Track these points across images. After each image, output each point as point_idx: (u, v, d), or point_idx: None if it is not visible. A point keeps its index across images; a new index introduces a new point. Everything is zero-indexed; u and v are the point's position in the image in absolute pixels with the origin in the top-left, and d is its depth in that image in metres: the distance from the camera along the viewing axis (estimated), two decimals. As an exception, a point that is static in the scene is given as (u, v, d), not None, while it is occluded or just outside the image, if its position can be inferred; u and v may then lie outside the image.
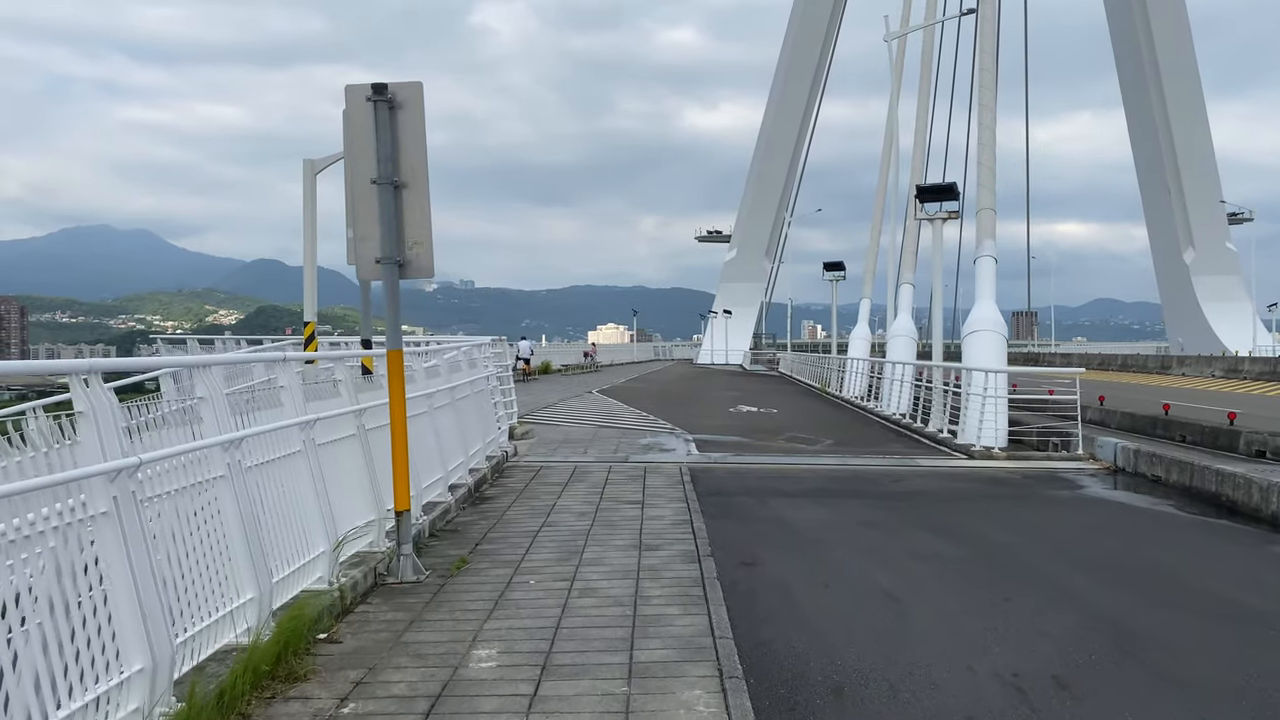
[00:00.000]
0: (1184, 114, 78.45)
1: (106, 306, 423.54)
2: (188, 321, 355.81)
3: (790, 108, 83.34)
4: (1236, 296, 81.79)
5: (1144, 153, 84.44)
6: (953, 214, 19.19)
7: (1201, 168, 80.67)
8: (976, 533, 9.10)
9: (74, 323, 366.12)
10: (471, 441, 11.82)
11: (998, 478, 12.74)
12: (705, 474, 12.68)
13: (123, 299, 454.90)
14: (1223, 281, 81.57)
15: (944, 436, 16.80)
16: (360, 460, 7.69)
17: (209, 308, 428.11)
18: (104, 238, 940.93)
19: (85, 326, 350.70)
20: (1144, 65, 78.80)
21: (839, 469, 13.28)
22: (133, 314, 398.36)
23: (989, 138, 21.16)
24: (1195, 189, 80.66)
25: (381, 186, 7.34)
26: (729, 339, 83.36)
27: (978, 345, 17.88)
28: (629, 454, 14.73)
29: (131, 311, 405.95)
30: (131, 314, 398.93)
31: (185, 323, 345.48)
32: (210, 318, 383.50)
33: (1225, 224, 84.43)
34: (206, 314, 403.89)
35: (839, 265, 37.19)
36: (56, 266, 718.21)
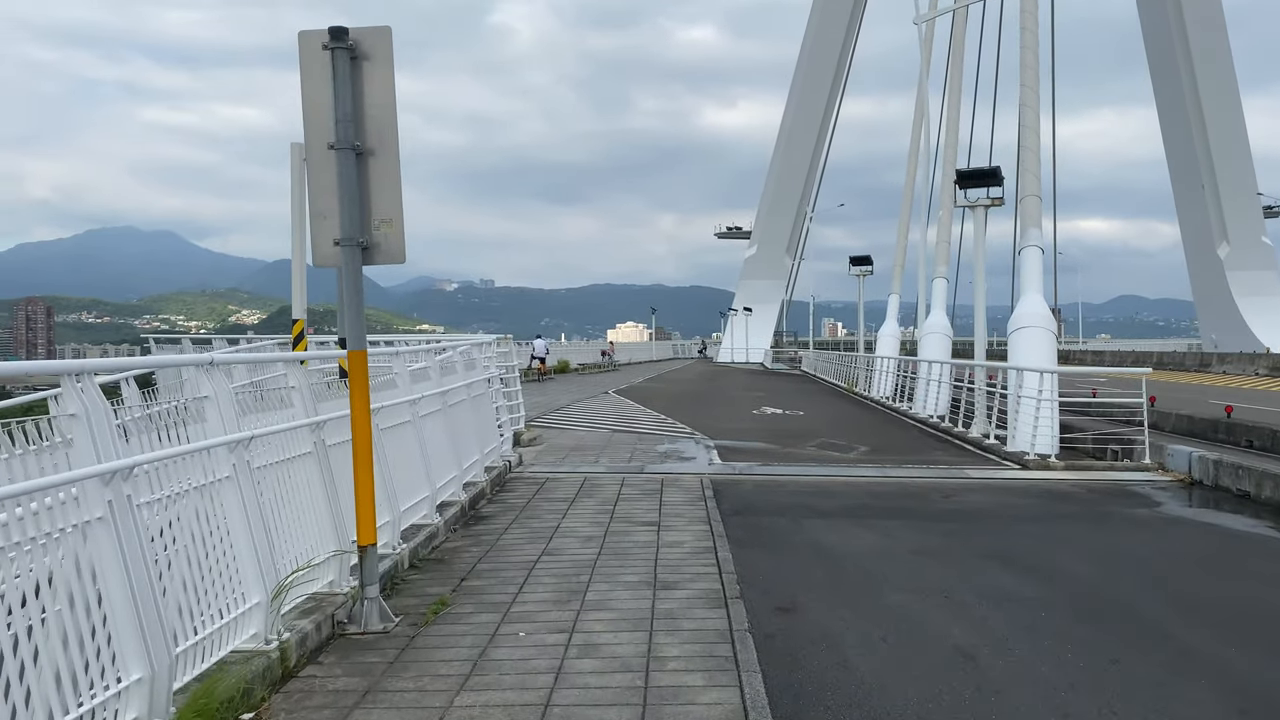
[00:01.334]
0: (1218, 106, 76.36)
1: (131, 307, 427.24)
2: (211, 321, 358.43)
3: (811, 103, 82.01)
4: (1273, 291, 79.55)
5: (1176, 146, 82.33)
6: (996, 200, 17.72)
7: (1236, 160, 78.54)
8: (1052, 564, 7.71)
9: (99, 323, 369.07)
10: (467, 453, 10.54)
11: (1059, 492, 11.30)
12: (729, 488, 11.34)
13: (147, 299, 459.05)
14: (1258, 276, 79.35)
15: (991, 443, 15.35)
16: (319, 483, 6.40)
17: (232, 307, 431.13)
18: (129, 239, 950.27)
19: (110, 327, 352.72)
20: (1176, 57, 76.77)
21: (880, 482, 11.89)
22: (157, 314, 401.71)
23: (1032, 119, 19.67)
24: (1229, 182, 78.54)
25: (341, 152, 6.04)
26: (749, 337, 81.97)
27: (1026, 343, 16.43)
28: (645, 463, 13.41)
29: (156, 312, 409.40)
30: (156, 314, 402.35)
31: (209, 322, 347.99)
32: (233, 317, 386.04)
33: (1261, 218, 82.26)
34: (230, 314, 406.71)
35: (866, 259, 35.68)
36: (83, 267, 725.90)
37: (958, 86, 29.50)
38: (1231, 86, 76.15)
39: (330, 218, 6.16)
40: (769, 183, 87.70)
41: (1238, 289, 78.26)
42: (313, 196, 6.22)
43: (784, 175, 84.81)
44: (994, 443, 15.29)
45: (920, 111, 34.18)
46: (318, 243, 6.20)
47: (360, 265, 6.16)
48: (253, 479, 5.38)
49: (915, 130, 34.55)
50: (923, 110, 34.06)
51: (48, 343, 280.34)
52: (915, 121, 34.26)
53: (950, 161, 28.51)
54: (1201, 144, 77.36)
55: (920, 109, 34.01)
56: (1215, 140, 76.71)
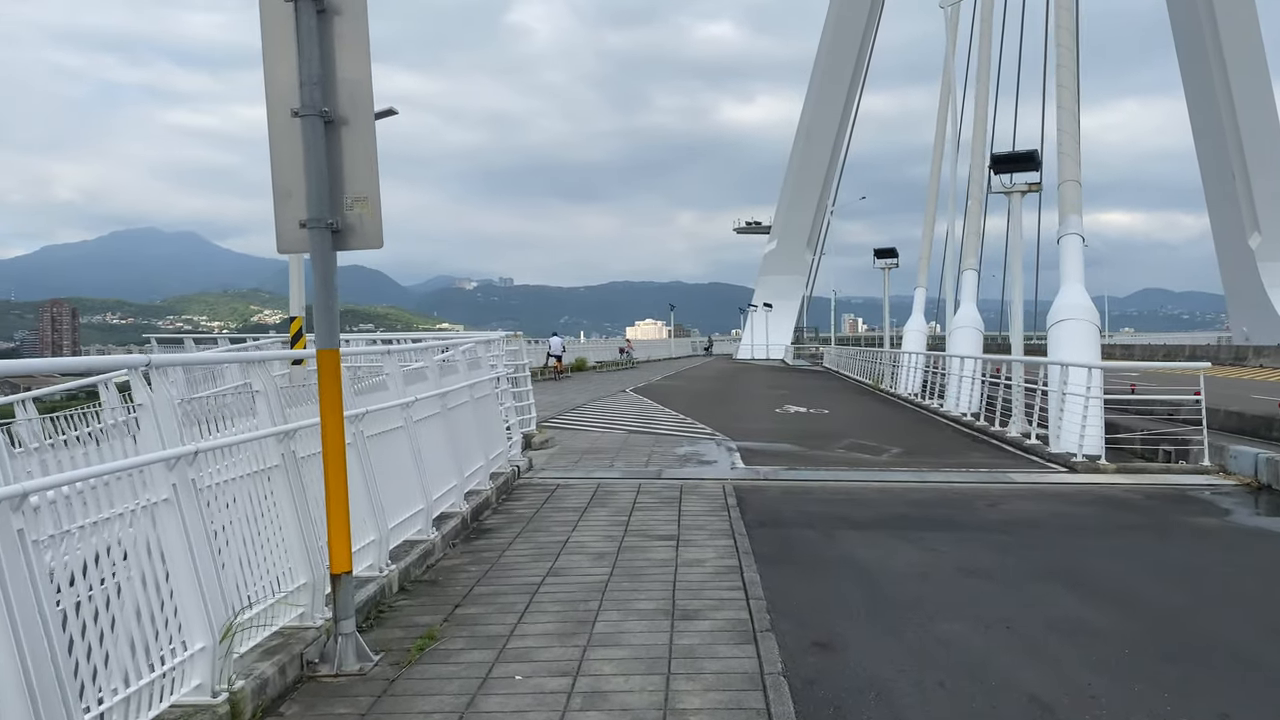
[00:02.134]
0: (1249, 94, 74.67)
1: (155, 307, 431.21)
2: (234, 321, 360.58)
3: (831, 95, 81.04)
4: (1307, 283, 77.66)
5: (1205, 135, 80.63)
6: (1034, 186, 16.76)
7: (1268, 149, 76.71)
8: (1123, 585, 6.80)
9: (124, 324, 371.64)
10: (470, 459, 9.74)
11: (1115, 499, 10.37)
12: (754, 495, 10.48)
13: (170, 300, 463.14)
14: (1291, 267, 77.47)
15: (1032, 444, 14.40)
16: (288, 501, 5.60)
17: (254, 307, 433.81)
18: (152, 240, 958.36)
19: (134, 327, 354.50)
20: (1206, 45, 75.16)
21: (917, 488, 10.99)
22: (180, 314, 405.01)
23: (1069, 101, 18.67)
24: (1261, 171, 76.76)
25: (307, 120, 5.23)
26: (769, 333, 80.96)
27: (1068, 336, 15.46)
28: (662, 467, 12.57)
29: (179, 312, 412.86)
30: (179, 315, 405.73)
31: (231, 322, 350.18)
32: (255, 317, 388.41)
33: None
34: (252, 313, 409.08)
35: (891, 252, 34.62)
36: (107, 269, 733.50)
37: (986, 70, 28.46)
38: (1263, 74, 74.45)
39: (295, 196, 5.35)
40: (789, 177, 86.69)
41: (1270, 280, 76.47)
42: (276, 173, 5.41)
43: (804, 169, 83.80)
44: (1035, 443, 14.33)
45: (945, 98, 33.15)
46: (282, 225, 5.39)
47: (331, 250, 5.35)
48: (198, 501, 4.58)
49: (940, 118, 33.51)
50: (948, 97, 33.02)
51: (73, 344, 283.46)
52: (940, 109, 33.23)
53: (979, 150, 27.48)
54: (1232, 133, 75.68)
55: (945, 95, 32.97)
56: (1246, 129, 75.04)
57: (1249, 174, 76.22)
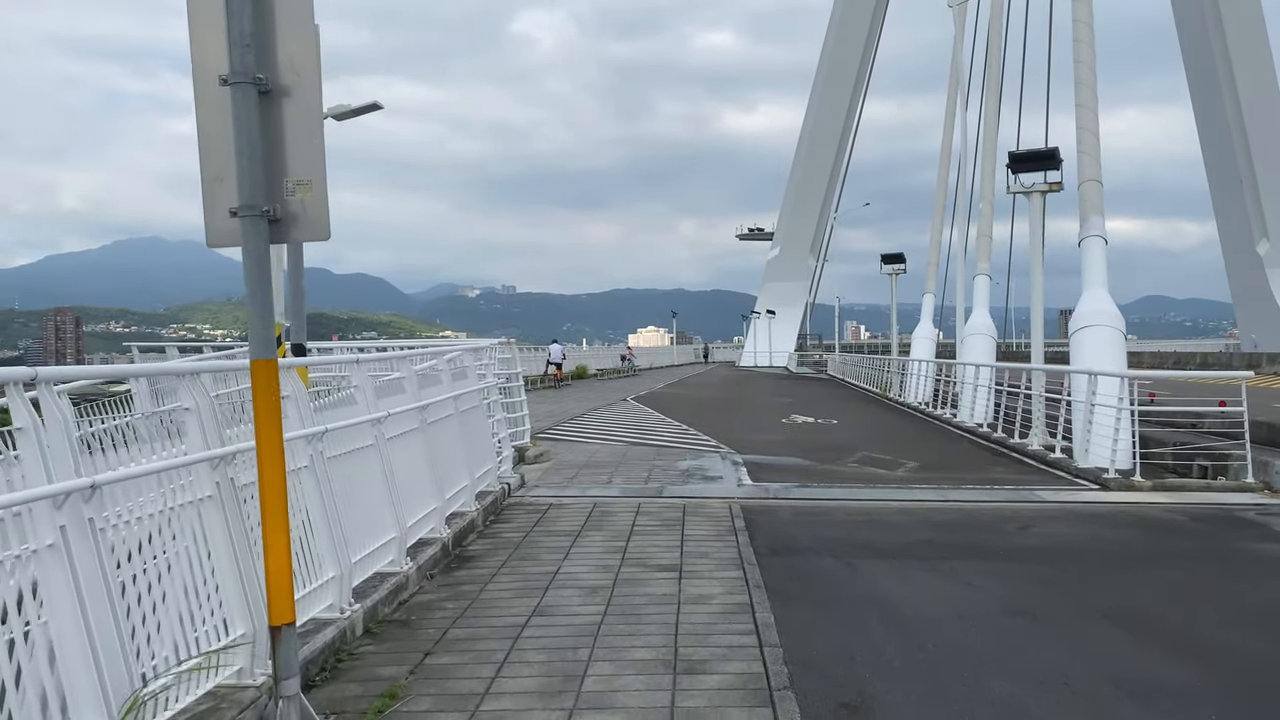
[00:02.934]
0: (1257, 100, 73.93)
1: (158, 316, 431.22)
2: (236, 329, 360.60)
3: (834, 101, 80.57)
4: (1317, 290, 76.86)
5: (1213, 141, 79.92)
6: (1054, 185, 15.91)
7: (1276, 154, 75.98)
8: (1194, 630, 5.95)
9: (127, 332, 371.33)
10: (453, 478, 8.90)
11: (1158, 520, 9.50)
12: (764, 516, 9.63)
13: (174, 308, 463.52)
14: (1301, 274, 76.70)
15: (1057, 458, 13.53)
16: (223, 539, 4.77)
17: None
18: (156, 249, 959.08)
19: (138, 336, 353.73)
20: (1213, 50, 74.51)
21: (941, 508, 10.13)
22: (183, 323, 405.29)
23: (1089, 98, 17.85)
24: (1270, 178, 75.98)
25: (238, 89, 4.41)
26: (773, 340, 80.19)
27: (1093, 343, 14.60)
28: (664, 484, 11.72)
29: (182, 321, 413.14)
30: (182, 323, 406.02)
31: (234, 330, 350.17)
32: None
33: (1302, 213, 79.64)
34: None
35: (898, 257, 33.73)
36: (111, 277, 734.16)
37: (997, 70, 27.65)
38: (1270, 80, 73.72)
39: (226, 180, 4.53)
40: (791, 183, 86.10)
41: (1279, 286, 75.63)
42: (204, 154, 4.59)
43: (807, 175, 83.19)
44: (1060, 457, 13.47)
45: (953, 99, 32.36)
46: (211, 215, 4.55)
47: (267, 242, 4.50)
48: (96, 545, 3.76)
49: (948, 119, 32.70)
50: (956, 98, 32.24)
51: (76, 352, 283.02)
52: (948, 110, 32.42)
53: (990, 151, 26.65)
54: (1240, 139, 74.95)
55: (953, 96, 32.19)
56: (1254, 134, 74.28)
57: (1257, 180, 75.43)
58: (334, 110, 12.37)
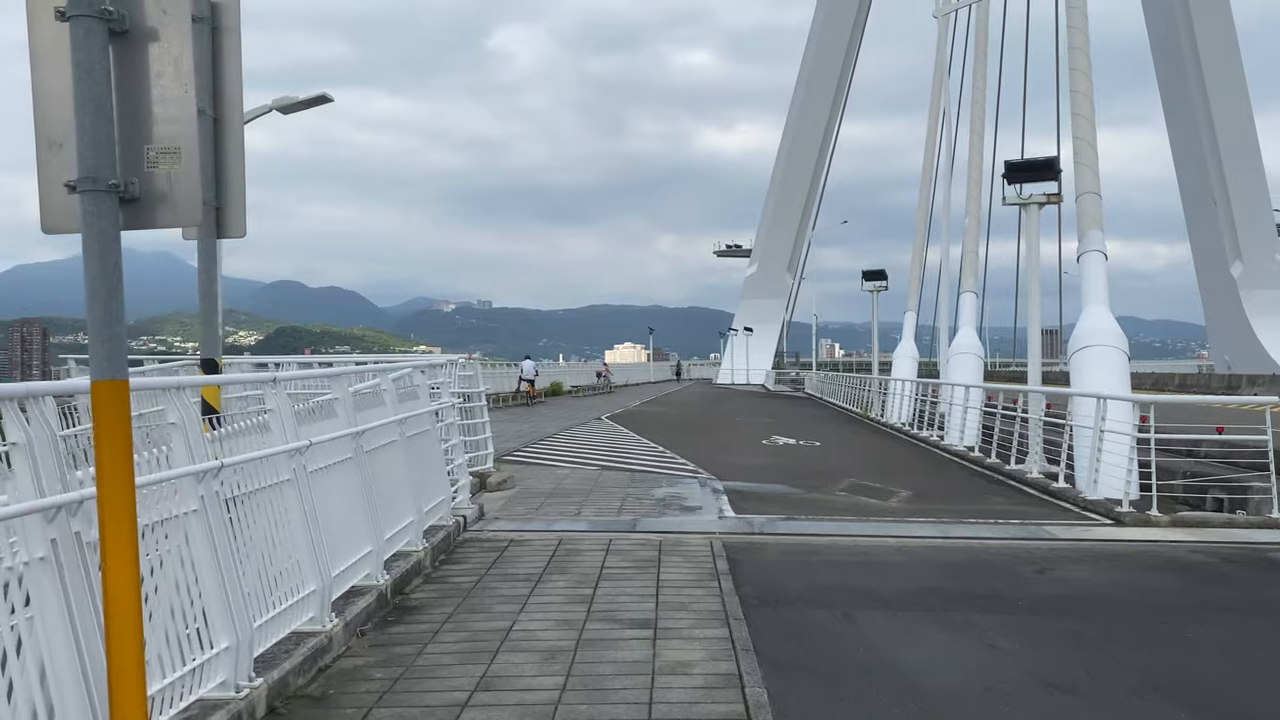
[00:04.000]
0: (1230, 122, 74.46)
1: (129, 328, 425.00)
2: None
3: (813, 117, 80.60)
4: (1289, 311, 77.29)
5: (1187, 163, 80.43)
6: (1052, 197, 15.10)
7: (1249, 177, 76.56)
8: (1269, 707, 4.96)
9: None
10: (395, 515, 7.81)
11: (1187, 563, 8.56)
12: (749, 555, 8.59)
13: (144, 320, 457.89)
14: (1273, 296, 77.17)
15: (1060, 488, 12.59)
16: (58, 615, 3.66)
17: (229, 329, 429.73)
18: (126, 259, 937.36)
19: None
20: (1187, 74, 75.03)
21: (944, 546, 9.13)
22: (154, 335, 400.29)
23: (1085, 108, 17.11)
24: (1243, 199, 76.50)
25: (79, 24, 3.35)
26: (750, 357, 79.54)
27: (1095, 364, 13.75)
28: (638, 516, 10.66)
29: (153, 333, 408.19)
30: (153, 335, 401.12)
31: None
32: (230, 339, 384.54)
33: (1275, 235, 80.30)
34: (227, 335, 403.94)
35: (880, 274, 32.99)
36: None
37: (983, 82, 27.01)
38: (1244, 102, 74.25)
39: (66, 145, 3.47)
40: (769, 200, 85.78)
41: (1252, 308, 76.00)
42: (39, 110, 3.53)
43: (784, 192, 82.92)
44: (1064, 486, 12.54)
45: (937, 111, 31.74)
46: (46, 189, 3.49)
47: (116, 226, 3.44)
48: None
49: (930, 133, 32.06)
50: (939, 110, 31.62)
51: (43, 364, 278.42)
52: (931, 123, 31.79)
53: (976, 163, 25.95)
54: (1214, 161, 75.39)
55: (936, 109, 31.55)
56: (1228, 157, 74.77)
57: (1231, 202, 75.87)
58: (280, 102, 11.31)
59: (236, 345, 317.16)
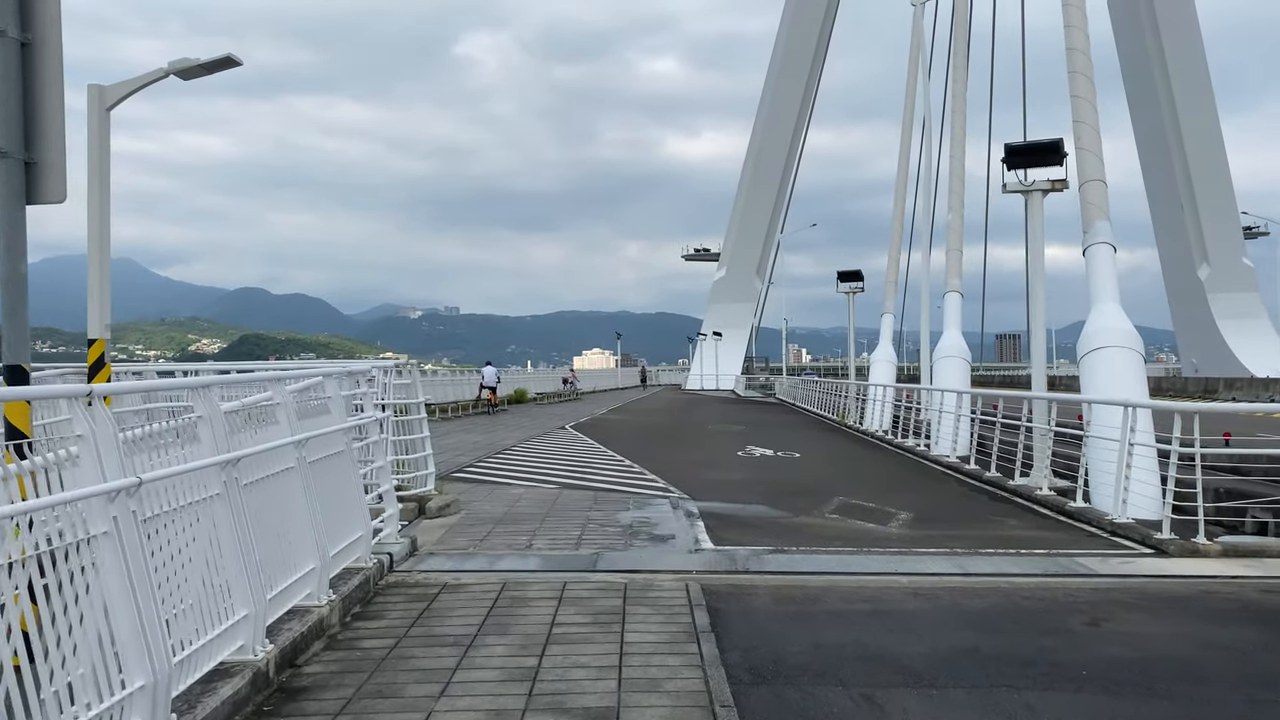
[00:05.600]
0: (1197, 127, 74.64)
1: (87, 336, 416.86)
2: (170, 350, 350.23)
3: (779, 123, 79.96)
4: (1255, 314, 77.76)
5: (1153, 169, 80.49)
6: (1057, 184, 13.72)
7: (1216, 182, 76.81)
8: None
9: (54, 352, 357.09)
10: (287, 563, 6.14)
11: (1264, 609, 7.10)
12: (734, 605, 7.02)
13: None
14: (1240, 299, 77.47)
15: (1078, 507, 11.15)
16: None
17: (191, 336, 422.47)
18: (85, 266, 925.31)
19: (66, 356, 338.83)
20: (1154, 79, 75.08)
21: (969, 587, 7.60)
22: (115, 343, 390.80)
23: (1086, 88, 15.80)
24: (1210, 203, 76.74)
25: None
26: (719, 363, 78.30)
27: (1109, 367, 12.39)
28: (600, 550, 9.04)
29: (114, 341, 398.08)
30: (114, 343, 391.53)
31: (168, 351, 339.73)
32: (193, 346, 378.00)
33: (1241, 240, 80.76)
34: (189, 342, 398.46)
35: (856, 275, 31.65)
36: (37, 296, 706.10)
37: (963, 69, 25.73)
38: (1210, 107, 74.42)
39: None
40: (737, 204, 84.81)
41: (1219, 311, 76.14)
42: None
43: (753, 195, 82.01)
44: (1083, 506, 11.10)
45: (911, 101, 30.48)
46: None
47: None
48: None
49: (906, 125, 30.77)
50: (914, 102, 30.37)
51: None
52: (907, 116, 30.51)
53: (958, 156, 24.67)
54: (1180, 165, 75.48)
55: (911, 99, 30.30)
56: (1194, 161, 74.97)
57: (1198, 206, 75.96)
58: (177, 65, 9.60)
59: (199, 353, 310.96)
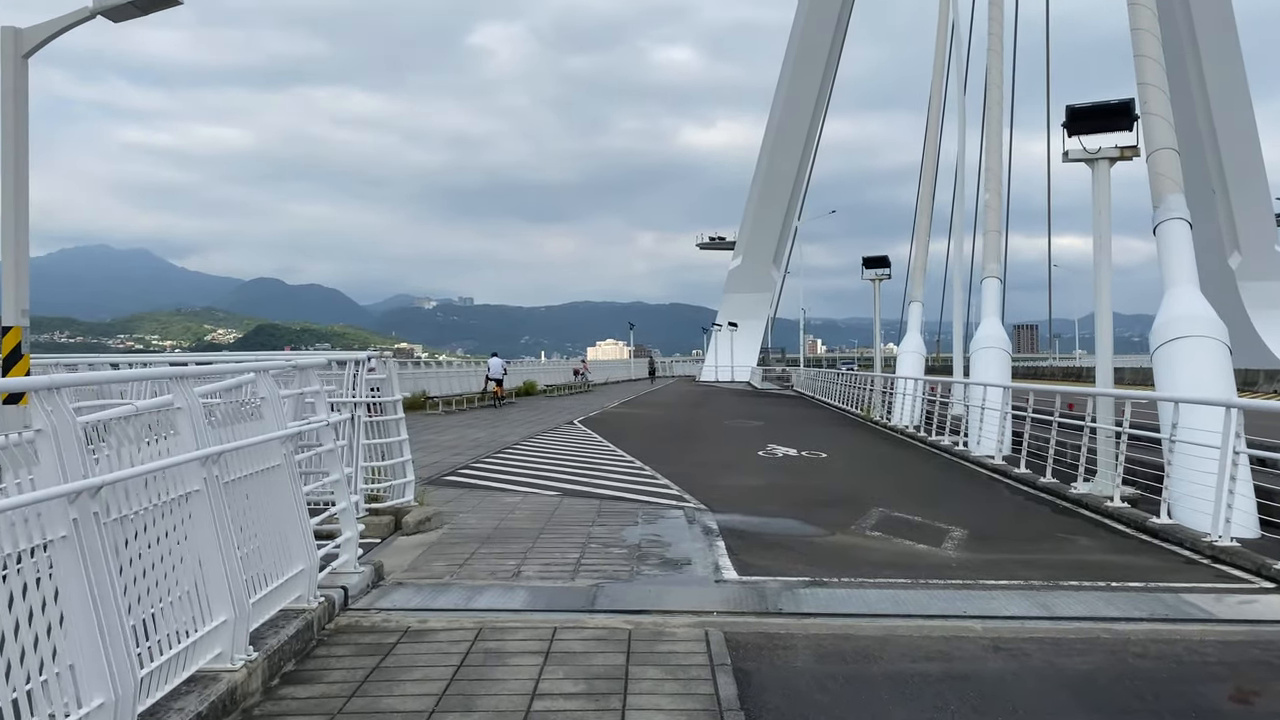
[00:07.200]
0: (1228, 110, 72.32)
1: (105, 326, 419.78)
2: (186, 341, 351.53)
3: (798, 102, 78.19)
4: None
5: (1183, 153, 77.70)
6: (1128, 151, 12.09)
7: (1248, 168, 74.53)
8: None
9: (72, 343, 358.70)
10: (183, 623, 4.67)
11: None
12: (767, 664, 5.51)
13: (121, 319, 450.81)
14: (1272, 288, 75.16)
15: (1161, 524, 9.54)
16: None
17: (207, 326, 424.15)
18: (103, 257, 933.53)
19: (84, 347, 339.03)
20: (1185, 62, 72.66)
21: (1060, 638, 6.05)
22: (131, 334, 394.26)
23: (1152, 46, 14.13)
24: (1242, 190, 74.50)
25: None
26: (734, 354, 76.66)
27: (1189, 361, 10.79)
28: (600, 580, 7.53)
29: (130, 331, 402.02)
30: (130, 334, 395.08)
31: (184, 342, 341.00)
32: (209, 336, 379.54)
33: (1275, 226, 78.34)
34: (205, 333, 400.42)
35: (882, 260, 29.97)
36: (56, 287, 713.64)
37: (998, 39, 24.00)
38: (1242, 89, 72.12)
39: None
40: (754, 190, 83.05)
41: (1250, 301, 73.90)
42: None
43: (769, 182, 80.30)
44: (1168, 523, 9.50)
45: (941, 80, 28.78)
46: None
47: None
48: None
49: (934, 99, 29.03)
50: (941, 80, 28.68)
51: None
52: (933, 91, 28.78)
53: (995, 130, 22.98)
54: (1211, 150, 73.24)
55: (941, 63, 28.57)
56: (1226, 145, 72.72)
57: (1229, 192, 73.74)
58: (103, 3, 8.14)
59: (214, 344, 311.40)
